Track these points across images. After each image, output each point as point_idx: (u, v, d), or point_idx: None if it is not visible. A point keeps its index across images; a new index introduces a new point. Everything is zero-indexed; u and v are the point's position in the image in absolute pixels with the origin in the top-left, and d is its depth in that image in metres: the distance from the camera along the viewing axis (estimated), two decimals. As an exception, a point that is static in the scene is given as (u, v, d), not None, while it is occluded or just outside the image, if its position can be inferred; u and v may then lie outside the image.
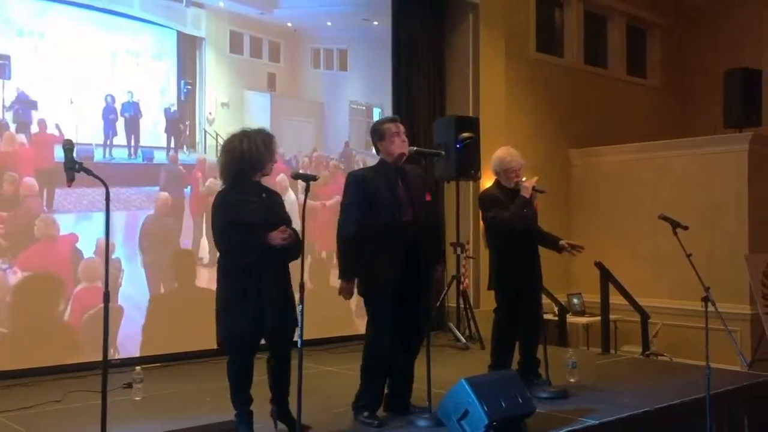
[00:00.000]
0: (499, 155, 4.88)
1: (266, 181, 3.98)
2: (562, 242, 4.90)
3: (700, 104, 10.06)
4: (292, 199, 6.47)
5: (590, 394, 4.80)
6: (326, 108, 7.34)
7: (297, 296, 3.60)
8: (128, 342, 5.86)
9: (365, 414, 4.08)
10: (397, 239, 4.05)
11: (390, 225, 4.06)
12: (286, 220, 3.77)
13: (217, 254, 3.83)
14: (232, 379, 3.78)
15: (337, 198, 4.66)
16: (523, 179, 4.79)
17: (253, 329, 3.67)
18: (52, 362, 5.43)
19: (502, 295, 4.88)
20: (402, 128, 4.24)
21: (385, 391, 4.25)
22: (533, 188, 4.70)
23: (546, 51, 9.06)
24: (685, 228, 4.69)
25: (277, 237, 3.59)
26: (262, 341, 3.80)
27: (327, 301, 5.65)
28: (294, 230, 3.72)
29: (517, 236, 4.71)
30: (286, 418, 3.84)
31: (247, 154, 3.73)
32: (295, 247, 3.70)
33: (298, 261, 3.64)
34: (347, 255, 4.10)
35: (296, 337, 3.54)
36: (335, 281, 4.24)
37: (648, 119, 9.91)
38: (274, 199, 3.90)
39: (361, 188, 4.12)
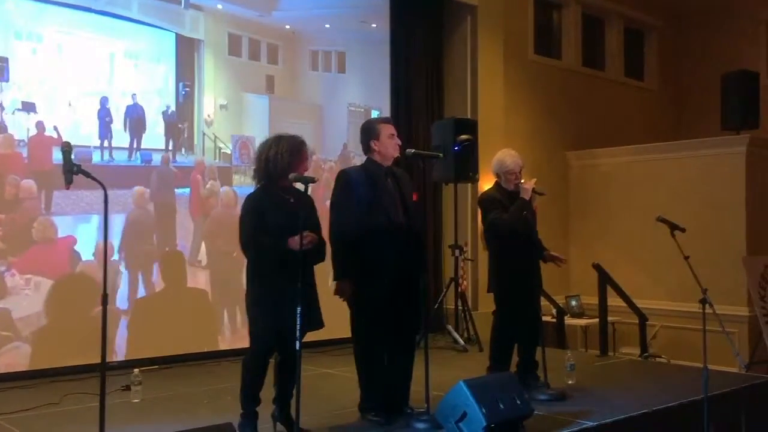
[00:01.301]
0: (500, 157, 4.89)
1: None
2: (545, 253, 4.92)
3: (697, 106, 10.08)
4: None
5: (588, 396, 4.81)
6: (324, 110, 7.35)
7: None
8: (126, 344, 5.86)
9: (372, 414, 4.11)
10: (390, 240, 4.06)
11: (383, 225, 4.06)
12: (312, 224, 3.77)
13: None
14: (246, 376, 3.82)
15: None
16: (523, 181, 4.80)
17: (276, 330, 3.71)
18: (51, 364, 5.43)
19: (501, 297, 4.88)
20: (395, 130, 4.23)
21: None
22: (533, 190, 4.71)
23: (544, 53, 9.07)
24: (683, 230, 4.71)
25: (295, 242, 3.59)
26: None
27: (325, 303, 5.64)
28: (319, 234, 3.75)
29: (517, 238, 4.72)
30: (286, 421, 3.85)
31: (272, 160, 3.78)
32: (318, 250, 3.77)
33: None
34: (343, 254, 4.07)
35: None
36: (330, 282, 4.23)
37: (645, 121, 9.93)
38: (303, 203, 3.82)
39: (354, 187, 4.11)
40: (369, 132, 4.23)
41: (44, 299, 5.53)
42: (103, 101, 5.97)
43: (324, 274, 4.07)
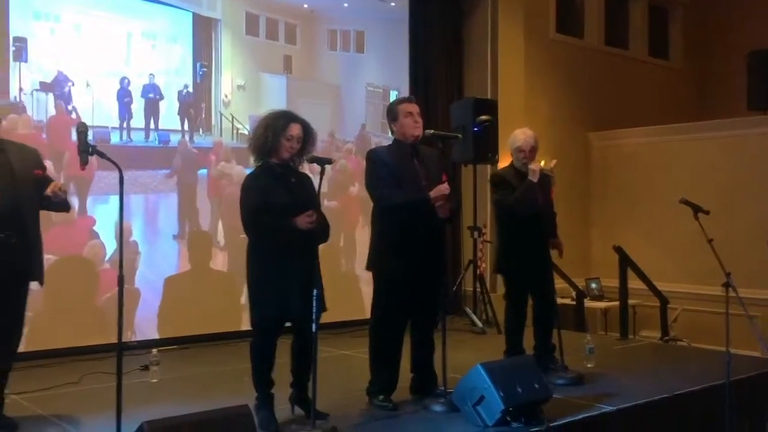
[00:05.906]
0: (513, 134, 4.86)
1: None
2: (552, 240, 4.88)
3: (722, 86, 9.87)
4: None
5: (608, 379, 4.76)
6: (343, 90, 7.29)
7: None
8: (145, 324, 5.89)
9: (380, 398, 4.08)
10: (417, 220, 4.02)
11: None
12: (314, 205, 3.72)
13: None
14: (254, 360, 3.80)
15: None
16: (537, 162, 4.68)
17: (279, 312, 3.68)
18: (70, 344, 5.47)
19: (507, 277, 4.89)
20: (416, 108, 4.18)
21: (411, 374, 4.27)
22: (540, 171, 4.62)
23: (566, 32, 8.92)
24: (707, 212, 4.63)
25: (303, 221, 3.57)
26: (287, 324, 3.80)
27: (341, 285, 5.64)
28: (322, 214, 3.71)
29: (524, 219, 4.66)
30: (304, 403, 3.84)
31: (260, 137, 3.74)
32: (323, 231, 3.72)
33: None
34: (403, 198, 4.03)
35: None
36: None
37: (670, 101, 9.75)
38: (304, 184, 3.84)
39: (386, 165, 4.09)
40: (389, 114, 4.27)
41: (66, 279, 5.56)
42: (123, 82, 5.96)
43: (339, 256, 4.05)
